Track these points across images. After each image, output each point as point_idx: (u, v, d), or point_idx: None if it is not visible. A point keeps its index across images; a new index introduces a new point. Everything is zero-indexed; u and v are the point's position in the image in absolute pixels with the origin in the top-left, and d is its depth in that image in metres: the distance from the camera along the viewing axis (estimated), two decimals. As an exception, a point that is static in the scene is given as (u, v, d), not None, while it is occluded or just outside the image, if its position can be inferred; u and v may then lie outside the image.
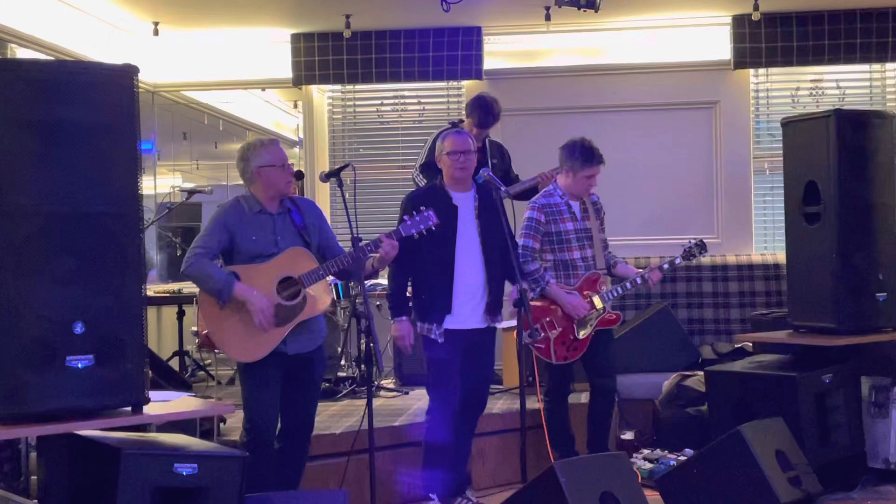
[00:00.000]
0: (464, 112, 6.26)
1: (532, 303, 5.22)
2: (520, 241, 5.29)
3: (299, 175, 7.49)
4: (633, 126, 7.66)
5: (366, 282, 5.24)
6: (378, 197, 7.89)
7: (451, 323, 4.86)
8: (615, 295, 5.41)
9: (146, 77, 7.61)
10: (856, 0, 7.25)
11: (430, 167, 6.11)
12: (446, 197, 4.92)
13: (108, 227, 3.44)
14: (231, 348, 4.39)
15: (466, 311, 4.88)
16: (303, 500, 3.99)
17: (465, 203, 4.93)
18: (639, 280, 5.44)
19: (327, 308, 4.59)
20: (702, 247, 5.56)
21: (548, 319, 5.26)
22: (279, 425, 4.51)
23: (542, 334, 5.20)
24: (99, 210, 3.42)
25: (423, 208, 4.56)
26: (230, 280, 4.29)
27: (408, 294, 4.99)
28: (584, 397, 5.75)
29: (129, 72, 3.54)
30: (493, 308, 4.95)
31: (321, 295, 4.44)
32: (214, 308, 4.35)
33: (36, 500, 3.59)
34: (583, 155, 5.34)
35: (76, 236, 3.38)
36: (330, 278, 5.57)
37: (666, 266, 5.50)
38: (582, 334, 5.27)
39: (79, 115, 3.39)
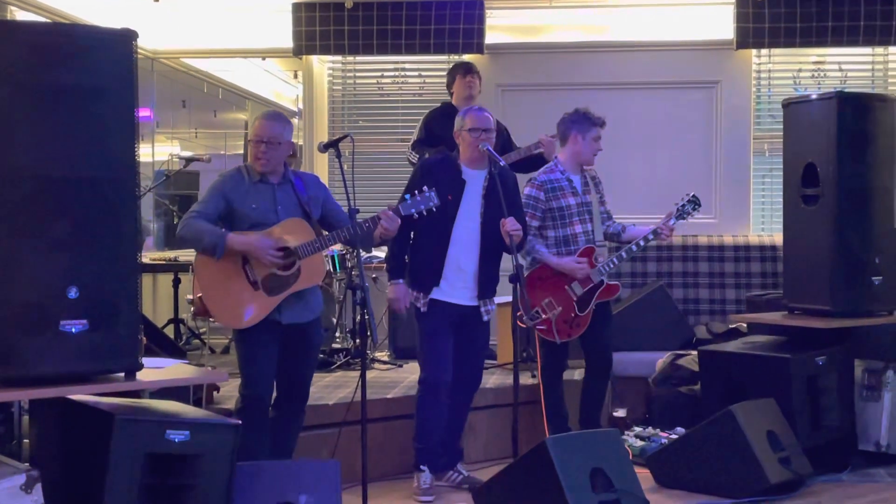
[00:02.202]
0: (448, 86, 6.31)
1: (531, 285, 5.20)
2: None
3: None
4: (634, 104, 7.62)
5: (363, 254, 5.24)
6: (376, 169, 7.88)
7: (438, 294, 4.86)
8: (613, 265, 5.37)
9: (146, 43, 7.59)
10: (860, -18, 7.24)
11: (422, 144, 6.12)
12: (457, 171, 4.91)
13: (103, 193, 3.43)
14: (222, 314, 4.40)
15: (456, 287, 4.88)
16: (294, 470, 3.99)
17: (475, 181, 4.91)
18: (642, 243, 5.39)
19: (322, 280, 4.58)
20: (695, 202, 5.46)
21: (547, 300, 5.25)
22: (274, 394, 4.53)
23: (543, 316, 5.20)
24: (95, 175, 3.41)
25: (425, 188, 4.54)
26: (224, 232, 4.31)
27: (406, 259, 5.00)
28: (578, 374, 5.77)
29: (128, 36, 3.52)
30: (483, 289, 4.94)
31: (316, 267, 4.43)
32: (208, 273, 4.37)
33: (27, 464, 3.60)
34: (588, 118, 5.36)
35: (71, 201, 3.37)
36: (326, 251, 5.58)
37: (670, 222, 5.40)
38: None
39: (76, 78, 3.37)
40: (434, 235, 4.84)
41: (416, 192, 4.53)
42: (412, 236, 4.93)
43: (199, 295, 4.45)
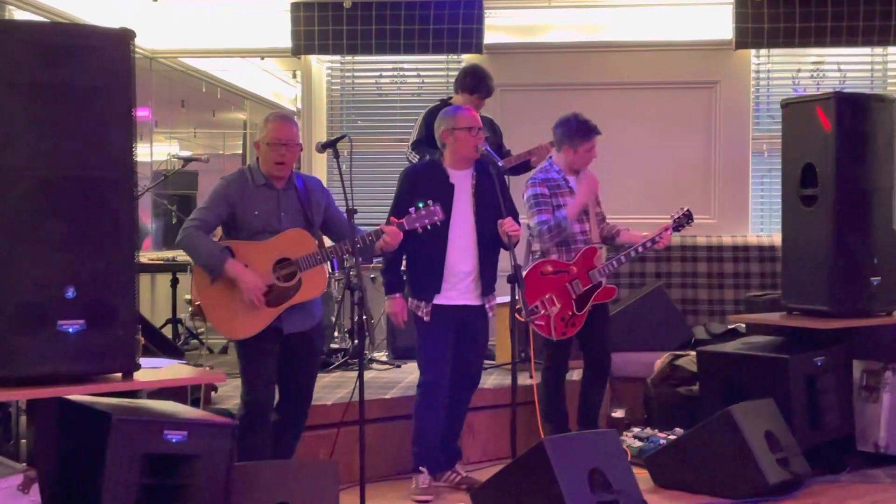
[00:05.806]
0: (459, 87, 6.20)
1: (533, 280, 5.21)
2: (534, 219, 5.27)
3: None
4: (633, 104, 7.63)
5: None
6: (375, 169, 7.87)
7: (440, 299, 4.84)
8: (612, 268, 5.39)
9: (144, 43, 7.59)
10: (859, -18, 7.24)
11: (422, 144, 6.09)
12: (444, 174, 4.89)
13: (101, 192, 3.42)
14: (221, 324, 4.39)
15: (458, 289, 4.87)
16: (291, 471, 3.99)
17: (463, 181, 4.91)
18: (641, 249, 5.42)
19: (322, 292, 4.54)
20: (689, 216, 5.51)
21: (548, 296, 5.25)
22: (276, 398, 4.52)
23: (542, 311, 5.20)
24: (92, 175, 3.41)
25: (430, 202, 4.51)
26: (223, 256, 4.26)
27: (402, 268, 4.98)
28: (577, 374, 5.76)
29: (125, 36, 3.52)
30: (486, 286, 4.94)
31: (317, 279, 4.40)
32: (207, 281, 4.34)
33: (25, 464, 3.59)
34: (581, 129, 5.34)
35: (69, 200, 3.36)
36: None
37: (667, 232, 5.44)
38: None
39: (74, 78, 3.37)
40: (430, 243, 4.78)
41: (422, 205, 4.50)
42: (410, 247, 4.88)
43: (198, 303, 4.43)
